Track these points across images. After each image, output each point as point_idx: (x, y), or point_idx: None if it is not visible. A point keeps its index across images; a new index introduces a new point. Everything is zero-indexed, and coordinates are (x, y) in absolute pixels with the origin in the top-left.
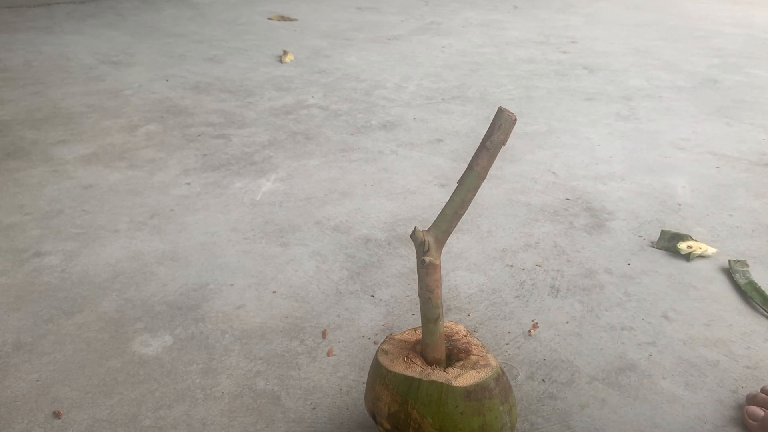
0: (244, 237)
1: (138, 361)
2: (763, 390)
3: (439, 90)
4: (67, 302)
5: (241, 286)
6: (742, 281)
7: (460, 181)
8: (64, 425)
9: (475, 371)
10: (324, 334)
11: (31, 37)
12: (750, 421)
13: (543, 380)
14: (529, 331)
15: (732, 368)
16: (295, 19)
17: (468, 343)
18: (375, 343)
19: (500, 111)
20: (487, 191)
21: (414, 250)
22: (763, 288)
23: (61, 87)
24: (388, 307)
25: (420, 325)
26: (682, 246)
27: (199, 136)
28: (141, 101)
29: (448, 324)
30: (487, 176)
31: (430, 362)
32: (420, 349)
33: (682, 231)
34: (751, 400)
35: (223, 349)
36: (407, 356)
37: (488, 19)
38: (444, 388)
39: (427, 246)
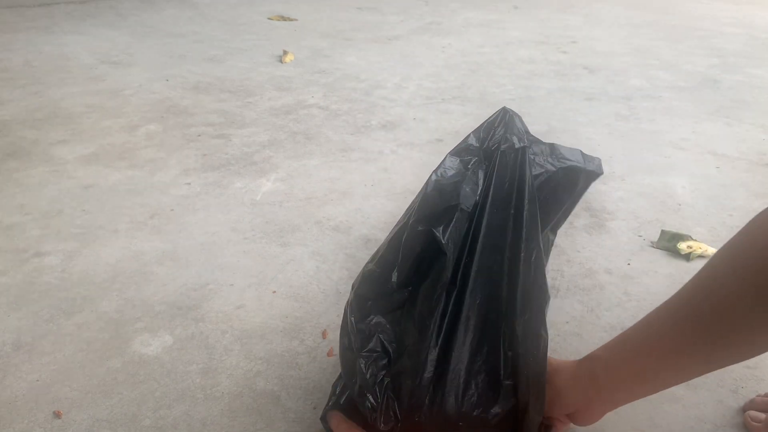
0: (244, 237)
1: (138, 361)
2: (759, 396)
3: (439, 90)
4: (67, 302)
5: (241, 286)
6: None
7: None
8: (65, 425)
9: None
10: (324, 334)
11: (31, 37)
12: (753, 423)
13: None
14: None
15: (732, 368)
16: (295, 19)
17: None
18: None
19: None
20: None
21: None
22: None
23: (61, 87)
24: None
25: None
26: (682, 246)
27: (199, 136)
28: (141, 101)
29: None
30: None
31: None
32: None
33: (682, 231)
34: (749, 405)
35: (223, 349)
36: None
37: (488, 19)
38: None
39: None
